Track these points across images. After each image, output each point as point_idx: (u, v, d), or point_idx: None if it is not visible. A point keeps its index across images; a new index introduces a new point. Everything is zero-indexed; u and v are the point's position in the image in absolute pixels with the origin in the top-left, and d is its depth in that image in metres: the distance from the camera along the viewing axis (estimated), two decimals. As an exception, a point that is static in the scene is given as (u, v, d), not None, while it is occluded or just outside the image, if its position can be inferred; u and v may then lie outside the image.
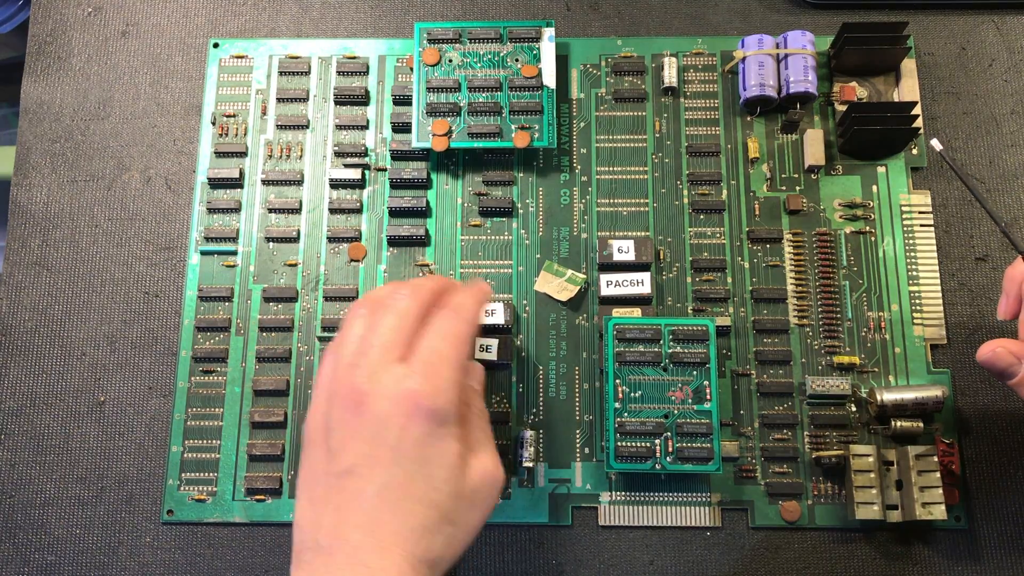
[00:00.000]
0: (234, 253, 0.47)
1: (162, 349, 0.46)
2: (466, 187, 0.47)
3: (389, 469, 0.33)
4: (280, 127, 0.48)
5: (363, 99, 0.49)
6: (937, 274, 0.45)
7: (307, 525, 0.34)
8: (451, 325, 0.36)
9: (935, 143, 0.40)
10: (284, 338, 0.45)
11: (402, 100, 0.48)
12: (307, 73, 0.49)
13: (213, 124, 0.48)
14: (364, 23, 0.51)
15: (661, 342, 0.42)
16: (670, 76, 0.48)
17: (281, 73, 0.49)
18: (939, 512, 0.40)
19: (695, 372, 0.42)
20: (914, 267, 0.46)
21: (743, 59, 0.47)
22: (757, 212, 0.47)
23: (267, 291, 0.46)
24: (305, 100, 0.49)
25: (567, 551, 0.43)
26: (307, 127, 0.48)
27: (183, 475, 0.44)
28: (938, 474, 0.40)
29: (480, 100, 0.47)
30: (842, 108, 0.47)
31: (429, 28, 0.48)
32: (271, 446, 0.44)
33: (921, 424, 0.43)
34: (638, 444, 0.41)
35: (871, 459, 0.41)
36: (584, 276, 0.46)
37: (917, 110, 0.46)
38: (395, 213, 0.47)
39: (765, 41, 0.47)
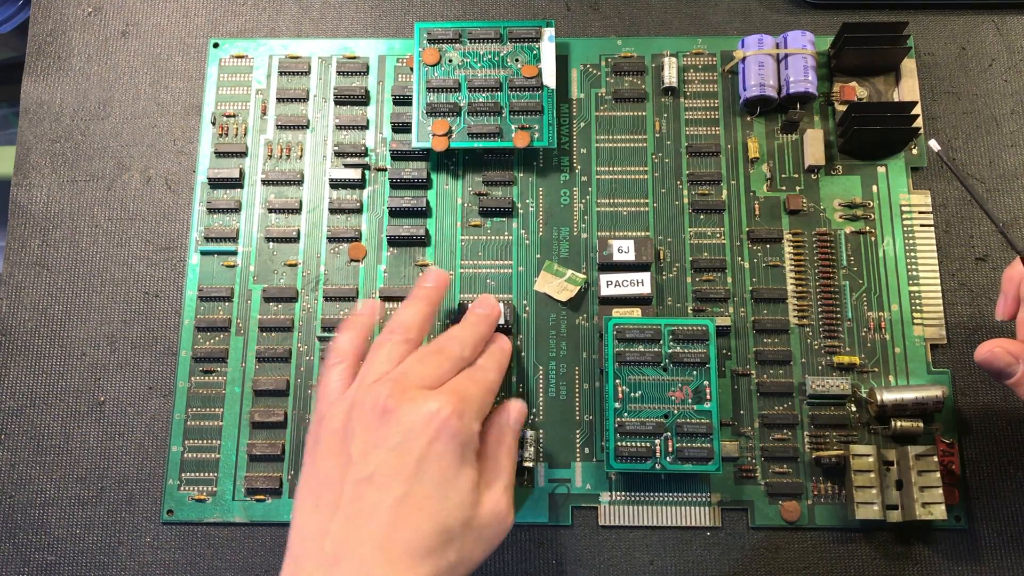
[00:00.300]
0: (234, 253, 0.47)
1: (162, 349, 0.46)
2: (466, 187, 0.48)
3: (409, 482, 0.34)
4: (280, 127, 0.48)
5: (363, 99, 0.49)
6: (937, 274, 0.45)
7: (310, 532, 0.34)
8: (481, 375, 0.39)
9: (933, 144, 0.40)
10: (284, 338, 0.45)
11: (402, 100, 0.48)
12: (307, 73, 0.49)
13: (213, 124, 0.48)
14: (364, 23, 0.51)
15: (661, 342, 0.42)
16: (670, 76, 0.48)
17: (281, 73, 0.49)
18: (939, 512, 0.40)
19: (695, 372, 0.42)
20: (914, 267, 0.46)
21: (743, 59, 0.47)
22: (757, 212, 0.47)
23: (267, 291, 0.46)
24: (305, 100, 0.49)
25: (567, 551, 0.43)
26: (307, 127, 0.48)
27: (183, 475, 0.44)
28: (938, 474, 0.40)
29: (480, 100, 0.47)
30: (842, 108, 0.47)
31: (429, 28, 0.48)
32: (271, 446, 0.44)
33: (921, 424, 0.43)
34: (638, 444, 0.41)
35: (871, 459, 0.41)
36: (584, 276, 0.46)
37: (917, 110, 0.46)
38: (395, 213, 0.47)
39: (765, 41, 0.47)
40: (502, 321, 0.44)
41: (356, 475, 0.34)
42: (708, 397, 0.41)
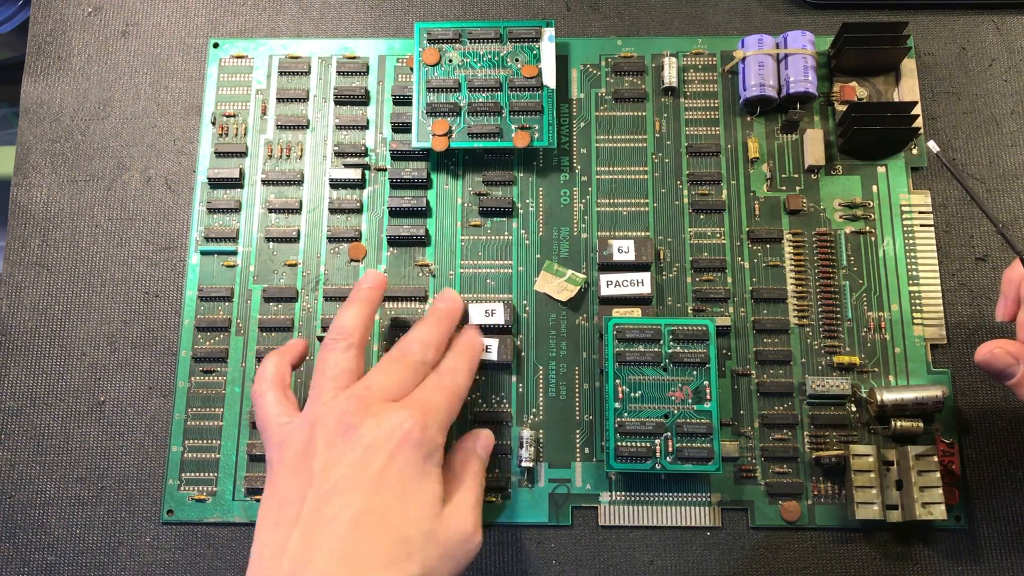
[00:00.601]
0: (234, 253, 0.47)
1: (162, 349, 0.46)
2: (466, 187, 0.48)
3: (369, 495, 0.33)
4: (280, 127, 0.48)
5: (363, 99, 0.49)
6: (937, 274, 0.45)
7: (269, 550, 0.34)
8: (448, 380, 0.39)
9: (932, 145, 0.40)
10: (284, 338, 0.45)
11: (402, 100, 0.48)
12: (307, 73, 0.49)
13: (213, 124, 0.48)
14: (364, 23, 0.51)
15: (661, 342, 0.42)
16: (670, 76, 0.48)
17: (281, 73, 0.49)
18: (939, 512, 0.40)
19: (695, 372, 0.42)
20: (914, 267, 0.46)
21: (743, 59, 0.47)
22: (757, 212, 0.47)
23: (267, 291, 0.46)
24: (305, 100, 0.49)
25: (567, 551, 0.43)
26: (307, 127, 0.48)
27: (183, 475, 0.44)
28: (938, 474, 0.40)
29: (480, 100, 0.47)
30: (842, 108, 0.47)
31: (429, 28, 0.48)
32: (271, 446, 0.44)
33: (921, 424, 0.43)
34: (638, 444, 0.41)
35: (871, 459, 0.41)
36: (584, 276, 0.46)
37: (917, 110, 0.46)
38: (395, 213, 0.47)
39: (765, 41, 0.47)
40: (502, 321, 0.44)
41: (317, 491, 0.34)
42: (708, 397, 0.41)
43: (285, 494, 0.35)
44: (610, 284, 0.45)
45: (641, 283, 0.45)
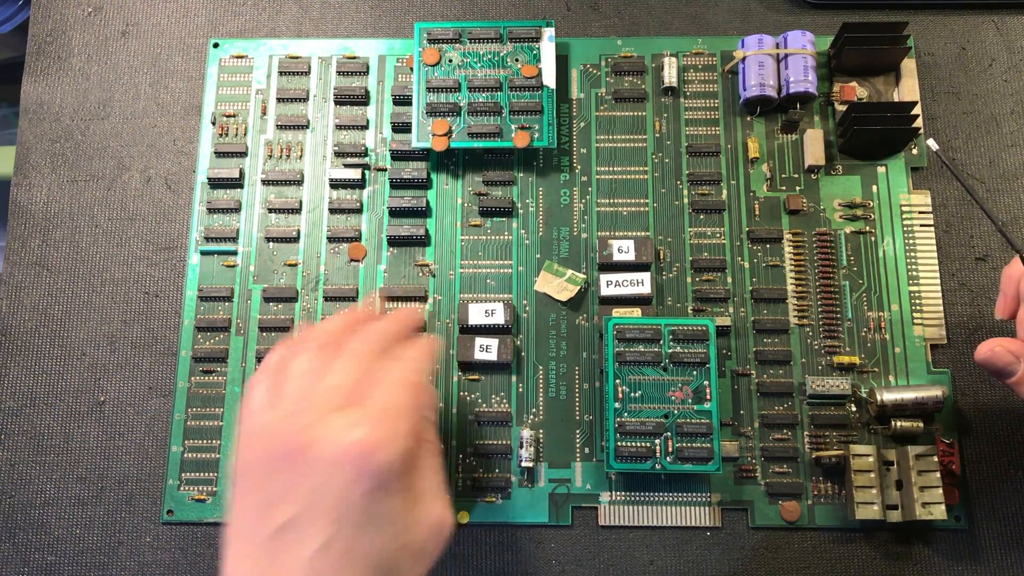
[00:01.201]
0: (234, 253, 0.47)
1: (162, 349, 0.46)
2: (466, 187, 0.48)
3: (331, 527, 0.30)
4: (280, 127, 0.48)
5: (363, 99, 0.49)
6: (937, 274, 0.45)
7: (244, 568, 0.30)
8: (407, 374, 0.34)
9: (931, 143, 0.40)
10: (284, 338, 0.45)
11: (402, 100, 0.48)
12: (307, 73, 0.49)
13: (213, 124, 0.48)
14: (364, 23, 0.51)
15: (661, 342, 0.42)
16: (670, 76, 0.48)
17: (281, 73, 0.49)
18: (939, 512, 0.40)
19: (695, 372, 0.42)
20: (914, 267, 0.46)
21: (743, 59, 0.47)
22: (757, 212, 0.47)
23: (267, 291, 0.46)
24: (305, 100, 0.49)
25: (567, 551, 0.43)
26: (307, 127, 0.48)
27: (183, 475, 0.44)
28: (938, 474, 0.40)
29: (480, 100, 0.47)
30: (842, 108, 0.47)
31: (429, 28, 0.48)
32: (271, 446, 0.44)
33: (921, 424, 0.43)
34: (638, 444, 0.41)
35: (871, 459, 0.41)
36: (584, 276, 0.46)
37: (917, 110, 0.46)
38: (395, 213, 0.47)
39: (765, 41, 0.47)
40: (502, 321, 0.44)
41: (274, 523, 0.30)
42: (708, 397, 0.41)
43: (245, 520, 0.32)
44: (610, 284, 0.45)
45: (641, 283, 0.45)
